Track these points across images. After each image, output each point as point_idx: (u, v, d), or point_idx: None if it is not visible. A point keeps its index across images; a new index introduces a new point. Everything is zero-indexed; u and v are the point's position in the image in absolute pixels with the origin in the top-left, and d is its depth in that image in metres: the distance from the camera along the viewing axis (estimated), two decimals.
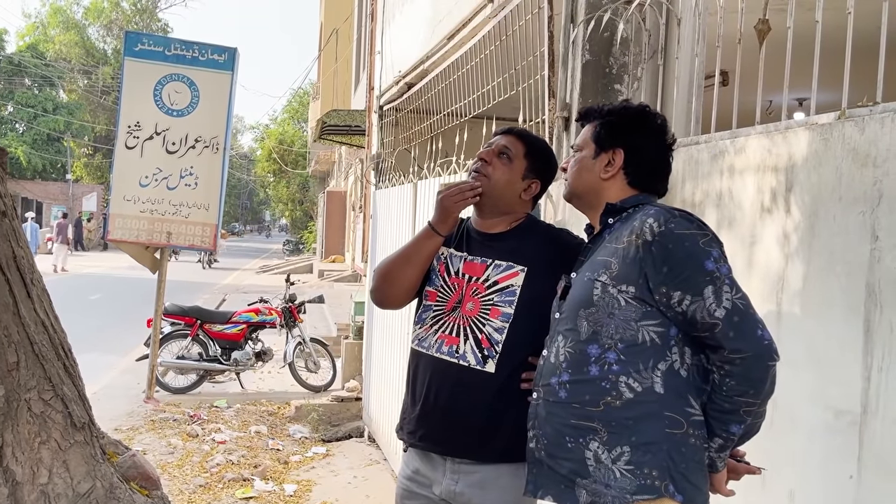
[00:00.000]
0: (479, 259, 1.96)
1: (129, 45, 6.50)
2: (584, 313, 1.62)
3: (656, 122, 1.78)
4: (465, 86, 4.09)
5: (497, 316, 1.90)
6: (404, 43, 5.65)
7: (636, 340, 1.57)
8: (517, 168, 1.99)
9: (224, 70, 6.50)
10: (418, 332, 2.01)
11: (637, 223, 1.59)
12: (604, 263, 1.62)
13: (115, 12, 37.82)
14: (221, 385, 7.43)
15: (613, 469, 1.55)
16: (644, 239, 1.56)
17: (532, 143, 2.06)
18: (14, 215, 1.62)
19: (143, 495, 1.79)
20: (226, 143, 6.56)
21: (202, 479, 4.92)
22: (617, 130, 1.74)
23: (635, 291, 1.56)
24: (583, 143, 1.80)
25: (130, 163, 6.48)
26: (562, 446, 1.62)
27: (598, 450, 1.56)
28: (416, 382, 1.99)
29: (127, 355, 8.27)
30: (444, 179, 4.22)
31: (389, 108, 6.00)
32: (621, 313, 1.57)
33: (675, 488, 1.53)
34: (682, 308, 1.53)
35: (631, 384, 1.56)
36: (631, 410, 1.56)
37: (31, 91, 33.88)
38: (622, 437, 1.55)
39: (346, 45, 16.12)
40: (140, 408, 6.45)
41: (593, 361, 1.59)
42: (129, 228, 6.51)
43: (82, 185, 34.69)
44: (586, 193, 1.78)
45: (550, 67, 2.94)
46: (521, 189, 2.00)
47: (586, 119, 1.83)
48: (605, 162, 1.74)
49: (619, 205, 1.72)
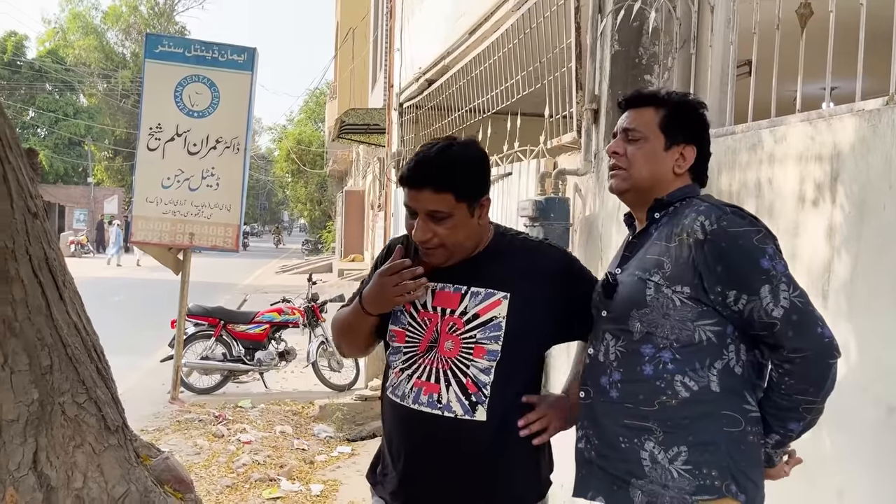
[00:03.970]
0: (451, 287, 1.67)
1: (150, 46, 6.52)
2: (636, 314, 1.56)
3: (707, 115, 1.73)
4: (487, 81, 4.04)
5: (482, 355, 1.64)
6: (424, 39, 5.62)
7: (692, 340, 1.52)
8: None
9: (244, 70, 6.50)
10: (391, 379, 1.74)
11: (687, 221, 1.53)
12: (655, 263, 1.56)
13: (132, 16, 38.19)
14: (245, 385, 7.44)
15: (671, 469, 1.51)
16: (696, 238, 1.50)
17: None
18: (45, 217, 1.60)
19: (176, 498, 1.77)
20: (246, 144, 6.56)
21: (229, 479, 4.92)
22: (689, 124, 1.66)
23: (690, 292, 1.51)
24: (648, 130, 1.64)
25: (152, 165, 6.50)
26: (614, 446, 1.58)
27: (654, 450, 1.53)
28: (394, 439, 1.73)
29: (151, 357, 8.30)
30: None
31: (409, 105, 5.98)
32: (677, 313, 1.52)
33: (737, 488, 1.50)
34: (739, 307, 1.48)
35: (687, 383, 1.52)
36: (687, 410, 1.52)
37: (52, 96, 34.30)
38: (679, 437, 1.51)
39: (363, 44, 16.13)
40: (166, 409, 6.47)
41: (647, 361, 1.55)
42: (152, 230, 6.53)
43: (103, 188, 35.04)
44: (653, 187, 1.65)
45: (578, 59, 2.89)
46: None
47: (637, 104, 1.68)
48: (677, 156, 1.64)
49: (667, 199, 1.65)
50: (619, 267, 1.69)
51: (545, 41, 3.25)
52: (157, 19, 38.97)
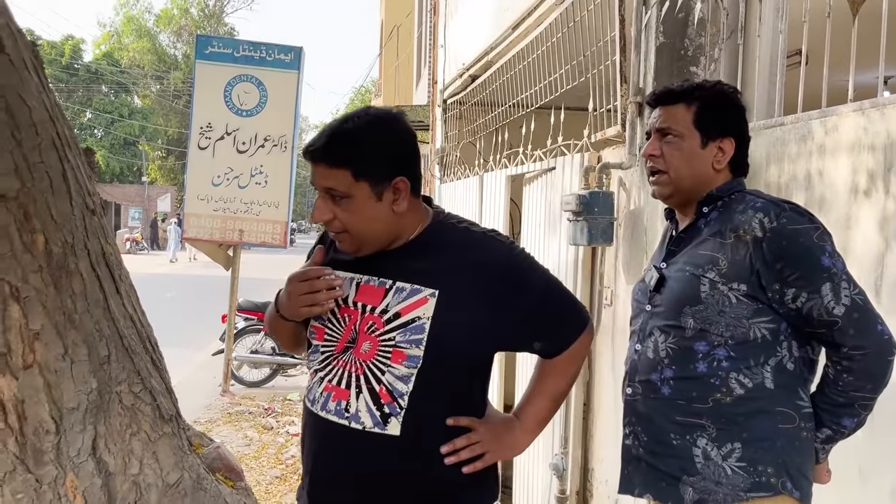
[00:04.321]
0: (376, 281, 1.45)
1: (200, 48, 6.68)
2: (689, 310, 1.54)
3: (742, 100, 1.69)
4: (530, 76, 4.03)
5: (401, 360, 1.40)
6: (467, 35, 5.62)
7: (747, 337, 1.50)
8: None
9: (290, 69, 6.61)
10: (309, 382, 1.55)
11: (744, 218, 1.50)
12: (710, 259, 1.53)
13: (183, 18, 39.08)
14: (293, 378, 7.58)
15: (724, 466, 1.50)
16: (754, 235, 1.48)
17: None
18: (102, 214, 1.67)
19: (228, 486, 1.83)
20: (293, 141, 6.67)
21: (278, 470, 5.03)
22: (724, 117, 1.62)
23: (747, 289, 1.49)
24: (683, 129, 1.61)
25: (203, 163, 6.66)
26: (665, 443, 1.56)
27: (707, 447, 1.51)
28: (305, 449, 1.54)
29: (203, 350, 8.52)
30: (511, 171, 4.19)
31: (453, 101, 5.99)
32: (732, 311, 1.50)
33: (792, 485, 1.48)
34: (797, 305, 1.46)
35: (742, 380, 1.51)
36: (742, 407, 1.50)
37: (108, 97, 35.39)
38: (733, 434, 1.50)
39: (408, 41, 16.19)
40: (217, 401, 6.64)
41: (700, 358, 1.53)
42: (203, 227, 6.70)
43: (156, 186, 35.99)
44: (696, 186, 1.61)
45: (622, 52, 2.86)
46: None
47: (668, 101, 1.65)
48: (715, 152, 1.60)
49: (716, 193, 1.62)
50: (665, 262, 1.67)
51: (589, 34, 3.23)
52: (206, 21, 39.81)
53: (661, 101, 1.66)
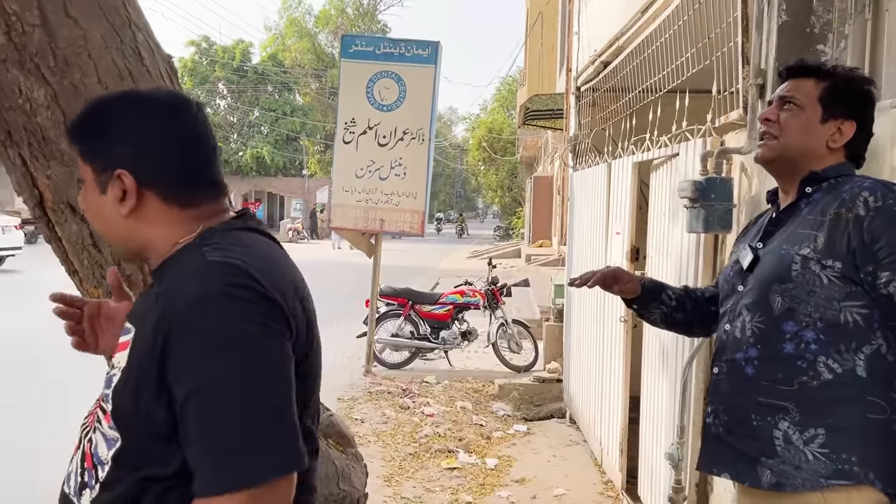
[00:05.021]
0: None
1: (345, 47, 7.08)
2: (778, 288, 1.53)
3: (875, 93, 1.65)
4: (659, 60, 3.95)
5: (109, 420, 1.10)
6: (600, 21, 5.56)
7: (838, 321, 1.47)
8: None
9: (428, 64, 6.84)
10: None
11: (848, 196, 1.48)
12: (806, 237, 1.51)
13: (340, 18, 41.04)
14: (432, 362, 7.87)
15: (805, 451, 1.48)
16: (857, 213, 1.45)
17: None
18: None
19: (338, 451, 2.01)
20: (430, 134, 6.90)
21: (412, 448, 5.29)
22: (851, 99, 1.60)
23: (842, 268, 1.46)
24: (806, 101, 1.60)
25: (347, 156, 7.07)
26: (746, 424, 1.56)
27: (789, 430, 1.50)
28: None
29: (350, 333, 9.05)
30: (637, 158, 4.12)
31: (586, 88, 5.94)
32: (823, 292, 1.47)
33: (875, 476, 1.44)
34: (889, 290, 1.42)
35: (831, 365, 1.48)
36: (829, 392, 1.47)
37: (273, 96, 37.93)
38: (817, 419, 1.48)
39: (552, 28, 16.08)
40: (360, 380, 7.05)
41: (788, 339, 1.51)
42: (347, 217, 7.12)
43: (316, 179, 38.16)
44: (801, 158, 1.60)
45: (744, 33, 2.76)
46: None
47: (800, 74, 1.64)
48: (833, 131, 1.59)
49: (822, 174, 1.59)
50: (762, 241, 1.65)
51: (714, 15, 3.13)
52: (361, 19, 41.56)
53: (793, 73, 1.65)
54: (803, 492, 1.47)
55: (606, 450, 4.61)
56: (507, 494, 4.45)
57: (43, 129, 1.45)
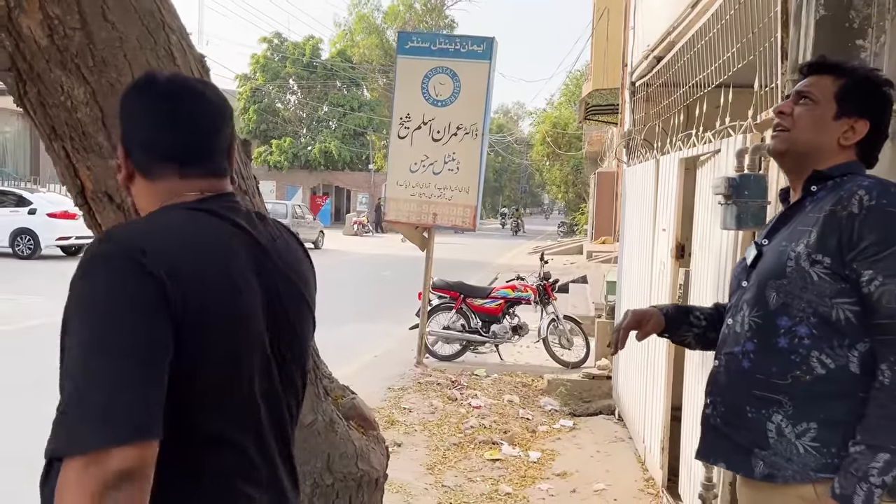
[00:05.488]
0: None
1: (401, 43, 7.20)
2: (774, 283, 1.56)
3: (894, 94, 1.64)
4: (707, 55, 3.90)
5: None
6: (654, 16, 5.50)
7: (830, 317, 1.49)
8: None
9: (482, 59, 6.88)
10: None
11: (845, 193, 1.49)
12: (804, 233, 1.54)
13: (408, 13, 41.39)
14: (483, 356, 7.94)
15: (797, 444, 1.51)
16: (850, 211, 1.46)
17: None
18: (256, 193, 2.00)
19: (358, 433, 2.10)
20: (484, 129, 6.95)
21: (456, 438, 5.37)
22: (867, 98, 1.60)
23: (831, 264, 1.48)
24: (821, 96, 1.61)
25: (402, 151, 7.19)
26: (741, 415, 1.59)
27: (782, 423, 1.53)
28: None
29: (404, 324, 9.22)
30: (684, 154, 4.08)
31: (640, 83, 5.88)
32: (815, 287, 1.50)
33: None
34: (870, 289, 1.44)
35: (823, 360, 1.50)
36: (821, 387, 1.50)
37: (342, 92, 38.61)
38: (809, 413, 1.50)
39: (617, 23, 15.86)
40: (410, 371, 7.18)
41: (782, 333, 1.54)
42: (401, 210, 7.25)
43: (382, 174, 38.62)
44: (811, 153, 1.61)
45: (784, 28, 2.72)
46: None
47: (820, 70, 1.64)
48: (846, 128, 1.60)
49: (827, 172, 1.60)
50: (767, 238, 1.67)
51: (757, 10, 3.09)
52: (428, 14, 41.81)
53: (813, 69, 1.67)
54: (794, 483, 1.49)
55: (649, 447, 4.59)
56: (546, 487, 4.48)
57: (83, 125, 1.59)
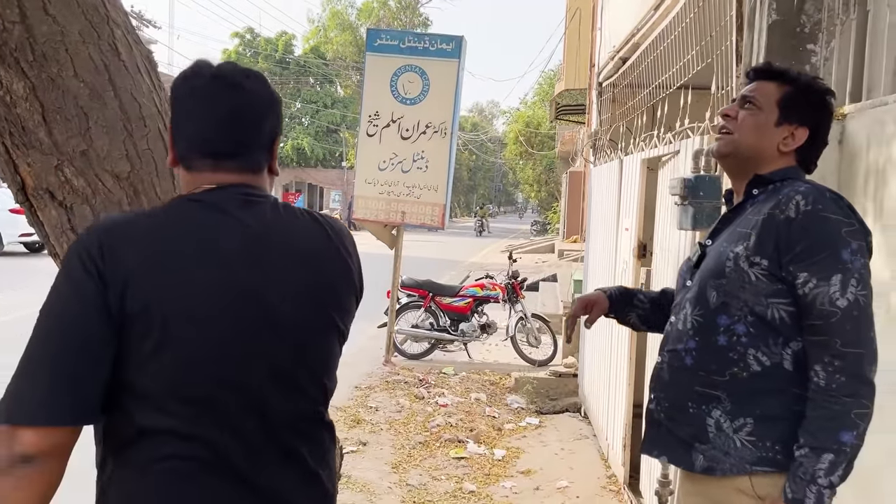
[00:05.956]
0: None
1: (370, 41, 7.17)
2: (714, 283, 1.60)
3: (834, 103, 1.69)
4: (669, 57, 3.94)
5: None
6: (619, 17, 5.55)
7: (765, 316, 1.54)
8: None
9: (451, 58, 6.88)
10: None
11: (784, 198, 1.53)
12: (743, 235, 1.58)
13: (382, 11, 41.23)
14: (451, 354, 7.95)
15: (734, 438, 1.55)
16: (787, 215, 1.50)
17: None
18: None
19: None
20: (453, 128, 6.95)
21: (422, 436, 5.37)
22: (807, 107, 1.65)
23: (768, 265, 1.52)
24: (765, 102, 1.65)
25: (371, 149, 7.16)
26: (683, 411, 1.63)
27: (721, 418, 1.57)
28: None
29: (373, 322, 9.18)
30: (646, 155, 4.13)
31: (607, 84, 5.92)
32: (752, 288, 1.54)
33: None
34: (805, 291, 1.48)
35: (759, 358, 1.55)
36: (757, 383, 1.55)
37: (314, 88, 38.36)
38: (746, 409, 1.55)
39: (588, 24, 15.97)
40: (378, 369, 7.16)
41: (722, 331, 1.58)
42: (370, 209, 7.22)
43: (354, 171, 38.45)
44: (752, 157, 1.65)
45: (738, 31, 2.76)
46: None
47: (765, 76, 1.68)
48: (786, 134, 1.64)
49: (768, 176, 1.65)
50: (711, 238, 1.72)
51: (715, 14, 3.13)
52: (403, 12, 41.68)
53: (759, 74, 1.71)
54: (731, 476, 1.54)
55: (612, 445, 4.64)
56: (510, 485, 4.51)
57: (22, 120, 1.56)
